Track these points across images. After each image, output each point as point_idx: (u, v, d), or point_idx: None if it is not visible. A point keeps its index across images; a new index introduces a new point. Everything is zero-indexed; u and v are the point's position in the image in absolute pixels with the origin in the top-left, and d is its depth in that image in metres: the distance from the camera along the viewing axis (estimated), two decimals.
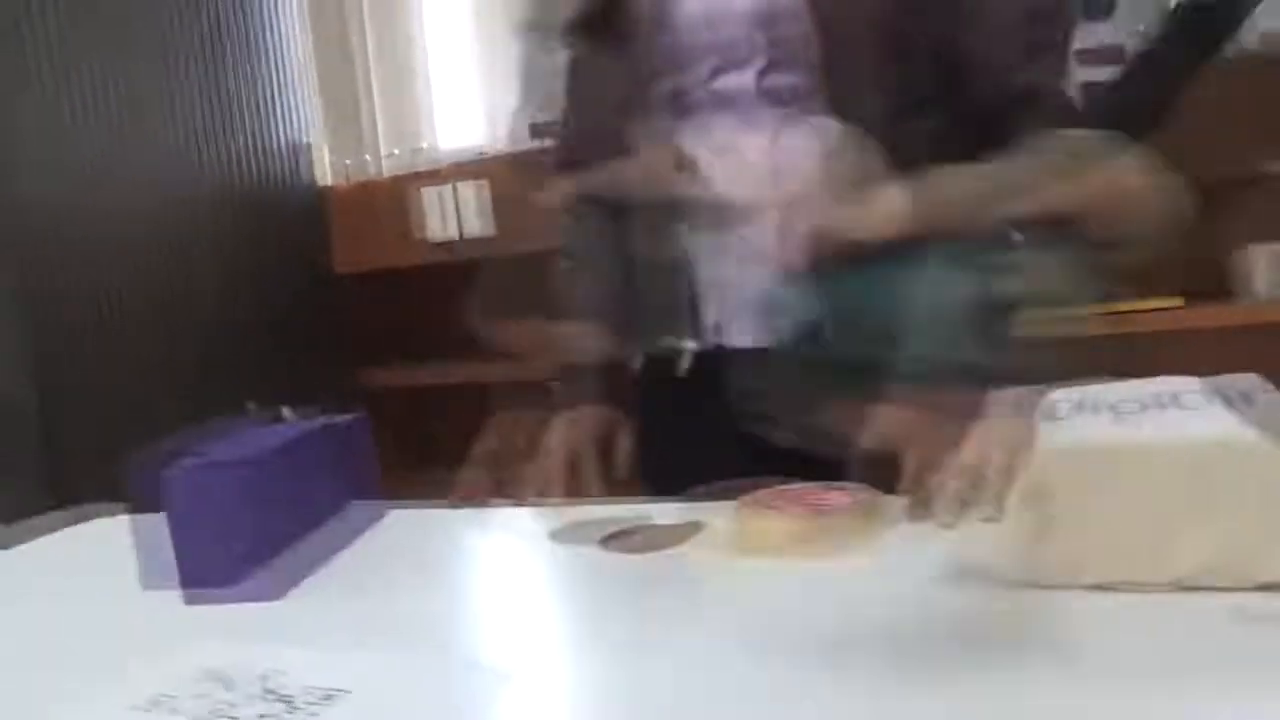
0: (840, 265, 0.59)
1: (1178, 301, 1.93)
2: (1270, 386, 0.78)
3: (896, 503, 0.90)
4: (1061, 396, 0.85)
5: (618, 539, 0.92)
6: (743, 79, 1.02)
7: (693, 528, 0.91)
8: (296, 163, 2.47)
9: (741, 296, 1.05)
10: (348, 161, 2.53)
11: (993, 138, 1.00)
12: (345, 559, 0.97)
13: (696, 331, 1.08)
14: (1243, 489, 0.67)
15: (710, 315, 1.08)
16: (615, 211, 1.19)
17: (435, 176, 2.42)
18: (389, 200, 2.46)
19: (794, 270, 0.60)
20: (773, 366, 0.64)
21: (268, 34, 2.39)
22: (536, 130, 2.48)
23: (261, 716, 0.59)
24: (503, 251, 2.39)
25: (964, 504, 0.89)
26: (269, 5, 2.39)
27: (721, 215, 1.05)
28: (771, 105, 1.02)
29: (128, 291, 1.99)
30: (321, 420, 0.98)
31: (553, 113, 1.23)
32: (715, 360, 1.08)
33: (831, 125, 0.99)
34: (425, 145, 2.47)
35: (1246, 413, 0.73)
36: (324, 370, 2.45)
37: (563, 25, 1.14)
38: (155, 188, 2.08)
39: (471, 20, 2.41)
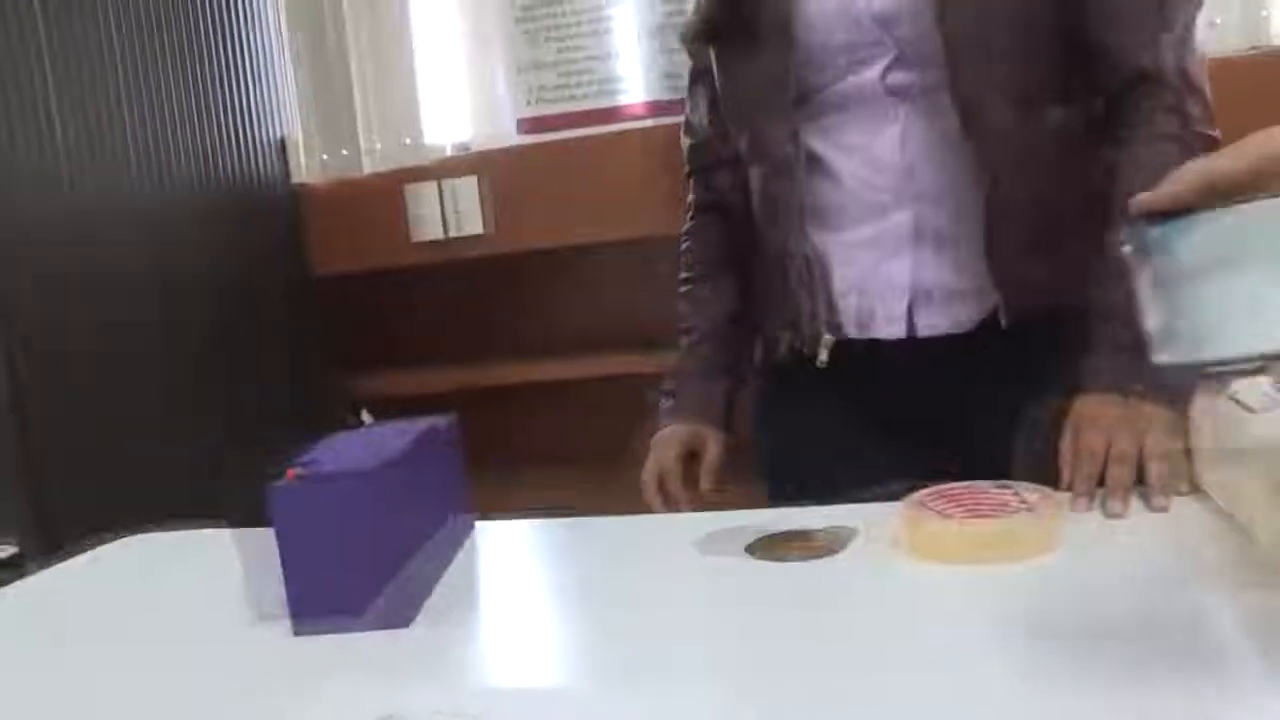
0: None
1: None
2: None
3: (1062, 498, 0.85)
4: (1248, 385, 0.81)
5: (766, 546, 0.84)
6: (868, 76, 1.00)
7: (849, 533, 0.84)
8: (273, 159, 2.33)
9: (881, 291, 1.02)
10: (325, 157, 2.40)
11: (1119, 122, 0.97)
12: (454, 577, 0.88)
13: (833, 325, 1.05)
14: None
15: (849, 310, 1.05)
16: (730, 212, 1.18)
17: (422, 172, 2.31)
18: (372, 198, 2.34)
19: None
20: None
21: (244, 21, 2.25)
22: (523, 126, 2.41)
23: None
24: (497, 251, 2.29)
25: (1128, 492, 0.85)
26: None
27: (852, 212, 1.01)
28: (897, 102, 1.00)
29: (98, 293, 1.85)
30: (424, 425, 0.88)
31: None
32: (855, 353, 1.05)
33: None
34: (410, 140, 2.35)
35: None
36: (305, 376, 2.32)
37: (688, 29, 1.12)
38: (128, 185, 1.94)
39: (459, 7, 2.31)
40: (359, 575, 0.76)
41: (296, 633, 0.77)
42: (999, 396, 0.98)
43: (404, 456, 0.81)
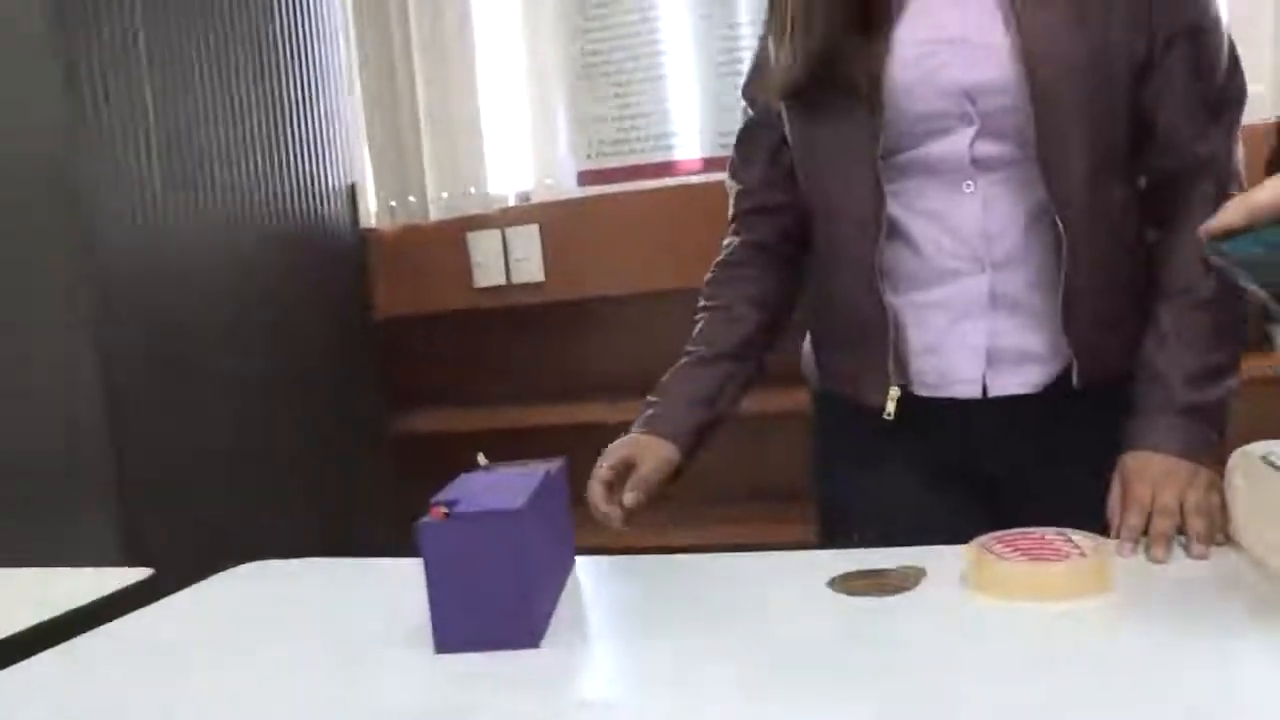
0: None
1: None
2: None
3: (1111, 544, 0.96)
4: None
5: (844, 582, 0.95)
6: (955, 145, 1.06)
7: (918, 572, 0.95)
8: (343, 204, 2.46)
9: (954, 352, 1.10)
10: (393, 203, 2.53)
11: (1170, 203, 1.08)
12: (566, 603, 0.99)
13: (902, 379, 1.12)
14: None
15: (924, 370, 1.12)
16: (774, 258, 1.23)
17: (484, 220, 2.44)
18: (435, 244, 2.46)
19: None
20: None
21: (317, 74, 2.39)
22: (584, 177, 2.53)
23: None
24: (555, 298, 2.41)
25: (1170, 541, 0.96)
26: (319, 45, 2.39)
27: (925, 276, 1.10)
28: (981, 172, 1.06)
29: (177, 335, 1.98)
30: (541, 468, 1.00)
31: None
32: (918, 406, 1.12)
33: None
34: (474, 189, 2.48)
35: None
36: (360, 414, 2.44)
37: (759, 83, 1.19)
38: (209, 226, 2.06)
39: (524, 62, 2.44)
40: (497, 601, 0.87)
41: (438, 651, 0.88)
42: (1063, 451, 1.08)
43: (536, 496, 0.92)
